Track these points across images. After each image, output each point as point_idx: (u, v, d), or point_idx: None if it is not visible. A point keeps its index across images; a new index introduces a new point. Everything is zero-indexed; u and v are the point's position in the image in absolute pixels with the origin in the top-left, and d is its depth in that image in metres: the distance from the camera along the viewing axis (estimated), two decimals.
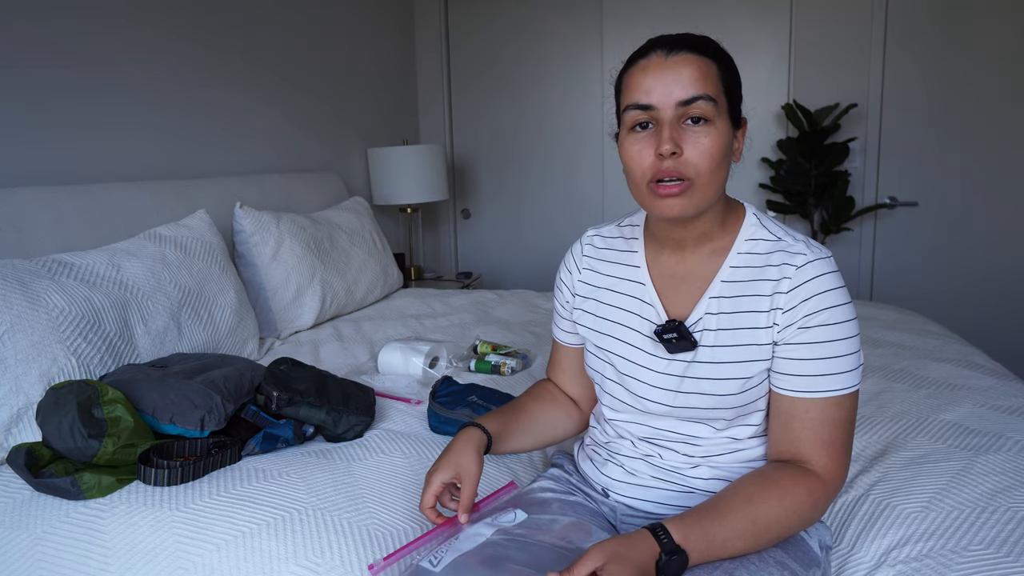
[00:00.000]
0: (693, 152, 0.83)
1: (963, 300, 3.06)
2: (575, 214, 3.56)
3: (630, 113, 0.86)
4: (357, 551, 0.99)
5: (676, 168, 0.84)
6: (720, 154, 0.84)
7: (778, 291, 0.87)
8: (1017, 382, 1.50)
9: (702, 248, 0.94)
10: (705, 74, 0.84)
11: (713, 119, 0.84)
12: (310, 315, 2.17)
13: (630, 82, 0.88)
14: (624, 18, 3.31)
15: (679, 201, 0.85)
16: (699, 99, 0.83)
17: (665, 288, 0.96)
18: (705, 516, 0.81)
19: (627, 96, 0.88)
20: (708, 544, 0.79)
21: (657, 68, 0.85)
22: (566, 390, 1.17)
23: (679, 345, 0.91)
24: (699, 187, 0.85)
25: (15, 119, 1.69)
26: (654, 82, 0.84)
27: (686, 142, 0.84)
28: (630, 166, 0.87)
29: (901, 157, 3.04)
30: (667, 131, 0.83)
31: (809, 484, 0.83)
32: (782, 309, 0.87)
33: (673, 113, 0.84)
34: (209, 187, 2.14)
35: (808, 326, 0.85)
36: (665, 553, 0.77)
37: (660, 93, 0.84)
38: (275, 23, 2.62)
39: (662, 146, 0.83)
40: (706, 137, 0.84)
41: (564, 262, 1.10)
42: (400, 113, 3.56)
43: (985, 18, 2.84)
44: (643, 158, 0.86)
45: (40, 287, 1.37)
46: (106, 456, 1.14)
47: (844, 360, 0.85)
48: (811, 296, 0.85)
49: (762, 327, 0.88)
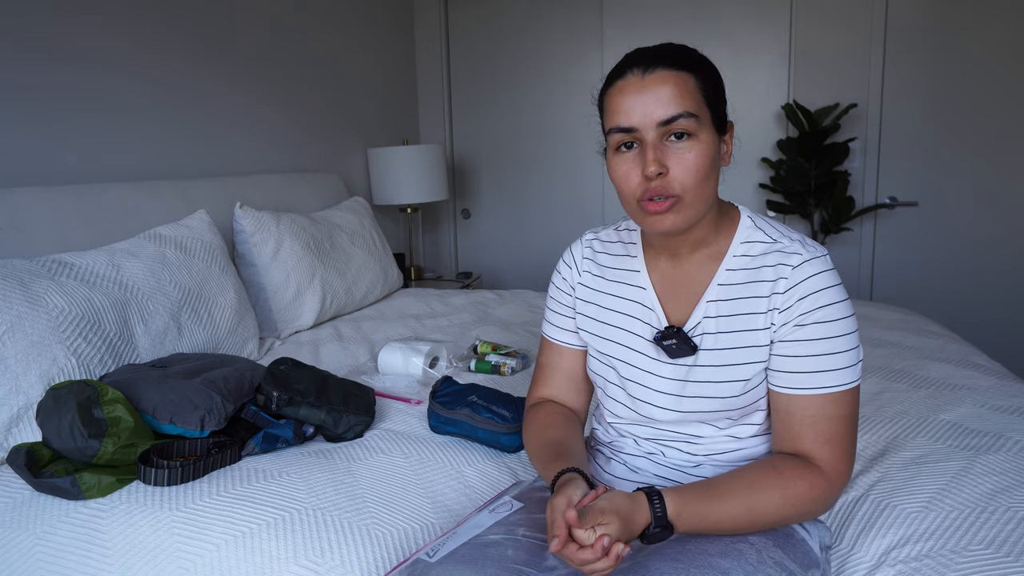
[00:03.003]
0: (678, 169, 0.84)
1: (963, 300, 3.06)
2: (575, 214, 3.56)
3: (614, 136, 0.87)
4: (357, 551, 0.99)
5: (663, 187, 0.84)
6: (706, 167, 0.85)
7: (775, 291, 0.88)
8: (1017, 382, 1.50)
9: (698, 254, 0.94)
10: (683, 90, 0.84)
11: (696, 133, 0.84)
12: (310, 315, 2.17)
13: (610, 104, 0.88)
14: (624, 18, 3.31)
15: (669, 217, 0.86)
16: (679, 117, 0.83)
17: (664, 293, 0.96)
18: (704, 495, 0.83)
19: (609, 119, 0.88)
20: (699, 522, 0.82)
21: (635, 89, 0.85)
22: (567, 402, 1.09)
23: (679, 351, 0.91)
24: (687, 202, 0.85)
25: (15, 119, 1.68)
26: (632, 103, 0.85)
27: (670, 160, 0.84)
28: (619, 186, 0.89)
29: (901, 157, 3.04)
30: (651, 152, 0.84)
31: (812, 478, 0.84)
32: (779, 309, 0.87)
33: (655, 133, 0.84)
34: (209, 187, 2.14)
35: (804, 323, 0.85)
36: (654, 524, 0.80)
37: (640, 114, 0.84)
38: (275, 23, 2.62)
39: (647, 168, 0.84)
40: (690, 152, 0.84)
41: (563, 261, 1.09)
42: (400, 113, 3.56)
43: (985, 18, 2.84)
44: (630, 179, 0.87)
45: (40, 287, 1.37)
46: (106, 456, 1.14)
47: (841, 356, 0.85)
48: (807, 294, 0.86)
49: (760, 328, 0.88)
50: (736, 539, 0.84)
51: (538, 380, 1.12)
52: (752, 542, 0.84)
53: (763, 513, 0.83)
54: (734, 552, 0.82)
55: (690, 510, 0.81)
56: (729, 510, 0.82)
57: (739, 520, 0.82)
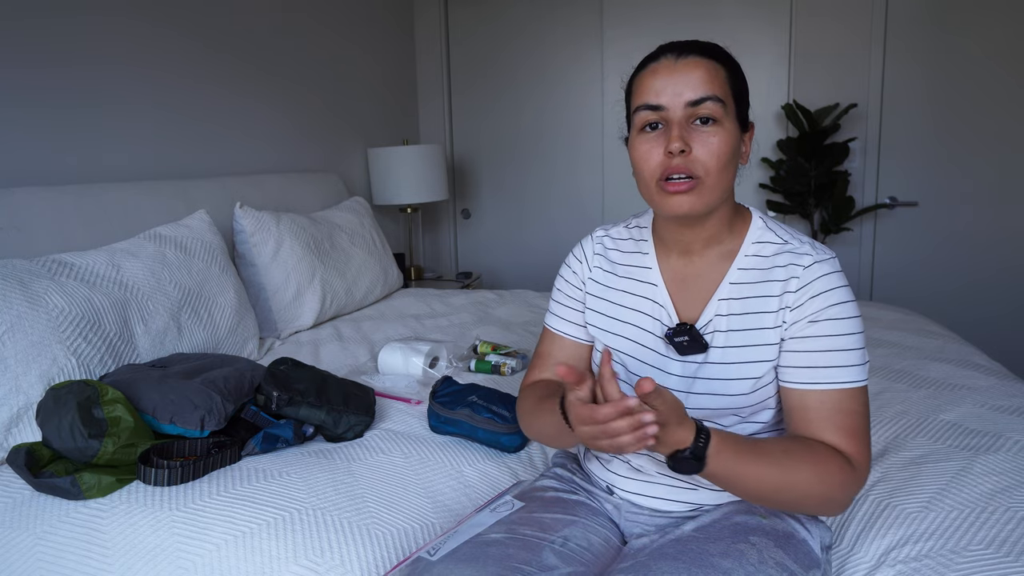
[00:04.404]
0: (702, 151, 0.86)
1: (963, 300, 3.06)
2: (575, 214, 3.56)
3: (641, 114, 0.89)
4: (357, 551, 0.99)
5: (685, 165, 0.86)
6: (728, 154, 0.87)
7: (787, 290, 0.89)
8: (1017, 382, 1.50)
9: (710, 251, 0.95)
10: (713, 76, 0.87)
11: (721, 120, 0.86)
12: (310, 315, 2.17)
13: (641, 84, 0.90)
14: (624, 18, 3.31)
15: (687, 199, 0.87)
16: (708, 100, 0.86)
17: (675, 290, 0.97)
18: (745, 446, 0.82)
19: (638, 97, 0.90)
20: (731, 470, 0.81)
21: (667, 70, 0.88)
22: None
23: (690, 348, 0.92)
24: (707, 186, 0.87)
25: (15, 119, 1.68)
26: (664, 83, 0.87)
27: (695, 141, 0.86)
28: (640, 165, 0.90)
29: (901, 157, 3.04)
30: (676, 130, 0.86)
31: (842, 462, 0.84)
32: (790, 307, 0.88)
33: (682, 113, 0.86)
34: (209, 187, 2.14)
35: (817, 320, 0.87)
36: (689, 453, 0.79)
37: (670, 94, 0.87)
38: (275, 23, 2.62)
39: (671, 144, 0.85)
40: (715, 137, 0.86)
41: (573, 255, 1.09)
42: (400, 113, 3.56)
43: (985, 18, 2.84)
44: (652, 156, 0.88)
45: (40, 287, 1.37)
46: (106, 456, 1.14)
47: (852, 354, 0.86)
48: (819, 293, 0.87)
49: (771, 327, 0.89)
50: (737, 539, 0.84)
51: (534, 367, 1.12)
52: (753, 542, 0.84)
53: (793, 484, 0.82)
54: (735, 552, 0.82)
55: (727, 455, 0.80)
56: (761, 470, 0.82)
57: (767, 482, 0.82)
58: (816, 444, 0.85)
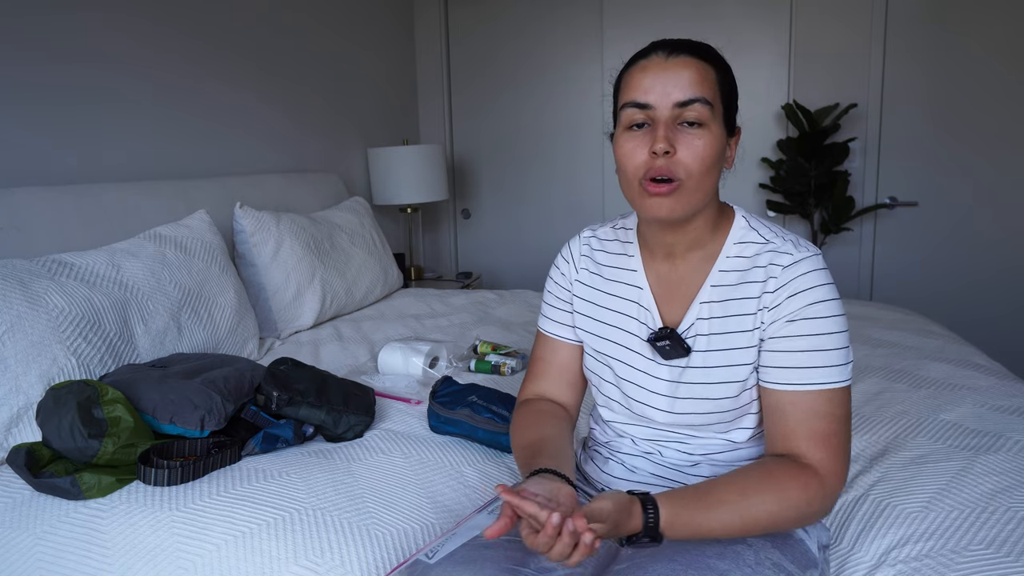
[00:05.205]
0: (686, 153, 0.84)
1: (963, 300, 3.05)
2: (575, 214, 3.56)
3: (627, 111, 0.87)
4: (357, 551, 0.99)
5: (668, 167, 0.84)
6: (712, 158, 0.85)
7: (765, 291, 0.87)
8: (1017, 382, 1.50)
9: (693, 254, 0.94)
10: (703, 77, 0.85)
11: (708, 123, 0.85)
12: (310, 315, 2.17)
13: (629, 81, 0.88)
14: (624, 18, 3.31)
15: (668, 201, 0.85)
16: (696, 101, 0.84)
17: (660, 293, 0.96)
18: (697, 504, 0.80)
19: (625, 94, 0.89)
20: (692, 532, 0.79)
21: (657, 68, 0.86)
22: (558, 398, 1.08)
23: (673, 352, 0.91)
24: (689, 189, 0.85)
25: (15, 118, 1.68)
26: (653, 81, 0.85)
27: (680, 143, 0.84)
28: (623, 163, 0.88)
29: (901, 157, 3.04)
30: (662, 130, 0.84)
31: (805, 479, 0.82)
32: (768, 307, 0.87)
33: (669, 113, 0.85)
34: (209, 187, 2.14)
35: (794, 319, 0.85)
36: (643, 534, 0.77)
37: (658, 93, 0.85)
38: (275, 23, 2.62)
39: (656, 144, 0.84)
40: (700, 140, 0.84)
41: (560, 256, 1.08)
42: (400, 113, 3.56)
43: (985, 18, 2.84)
44: (636, 156, 0.86)
45: (40, 287, 1.37)
46: (106, 456, 1.14)
47: (832, 354, 0.84)
48: (797, 292, 0.85)
49: (750, 329, 0.88)
50: (734, 540, 0.84)
51: (531, 374, 1.11)
52: (750, 543, 0.84)
53: (756, 520, 0.80)
54: (731, 553, 0.82)
55: (682, 520, 0.78)
56: (722, 519, 0.80)
57: (731, 529, 0.80)
58: (774, 469, 0.83)
